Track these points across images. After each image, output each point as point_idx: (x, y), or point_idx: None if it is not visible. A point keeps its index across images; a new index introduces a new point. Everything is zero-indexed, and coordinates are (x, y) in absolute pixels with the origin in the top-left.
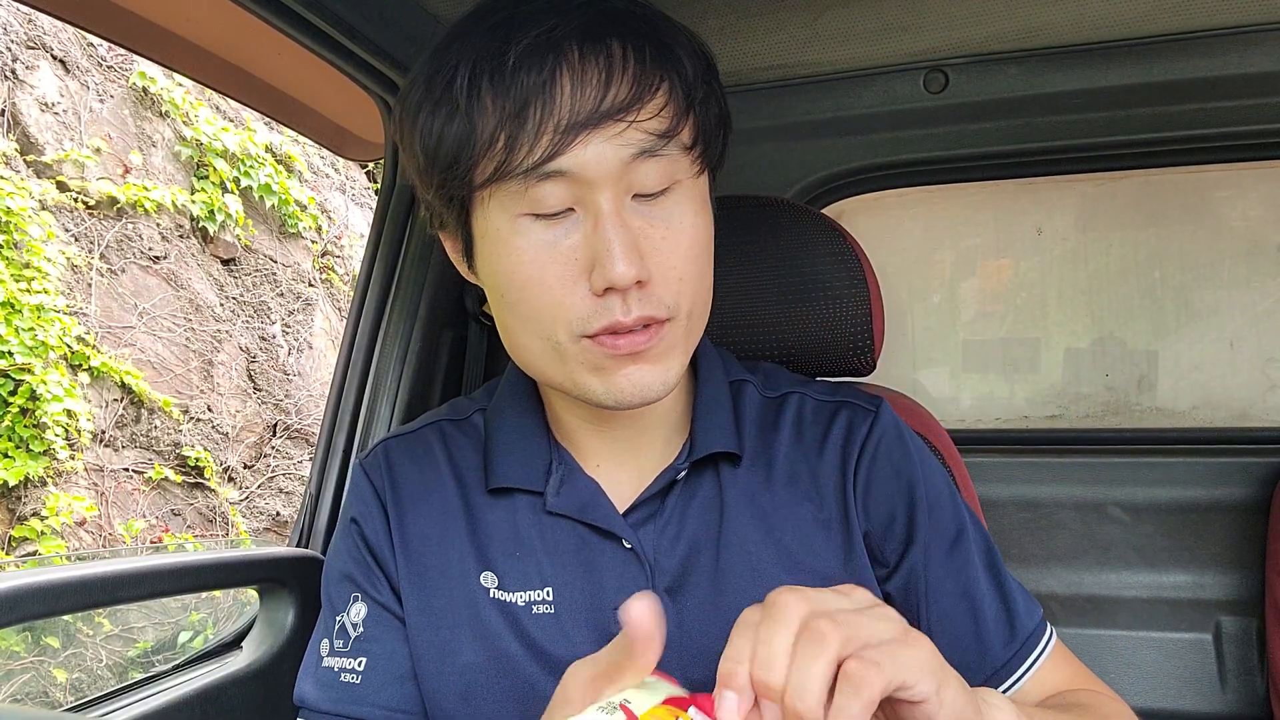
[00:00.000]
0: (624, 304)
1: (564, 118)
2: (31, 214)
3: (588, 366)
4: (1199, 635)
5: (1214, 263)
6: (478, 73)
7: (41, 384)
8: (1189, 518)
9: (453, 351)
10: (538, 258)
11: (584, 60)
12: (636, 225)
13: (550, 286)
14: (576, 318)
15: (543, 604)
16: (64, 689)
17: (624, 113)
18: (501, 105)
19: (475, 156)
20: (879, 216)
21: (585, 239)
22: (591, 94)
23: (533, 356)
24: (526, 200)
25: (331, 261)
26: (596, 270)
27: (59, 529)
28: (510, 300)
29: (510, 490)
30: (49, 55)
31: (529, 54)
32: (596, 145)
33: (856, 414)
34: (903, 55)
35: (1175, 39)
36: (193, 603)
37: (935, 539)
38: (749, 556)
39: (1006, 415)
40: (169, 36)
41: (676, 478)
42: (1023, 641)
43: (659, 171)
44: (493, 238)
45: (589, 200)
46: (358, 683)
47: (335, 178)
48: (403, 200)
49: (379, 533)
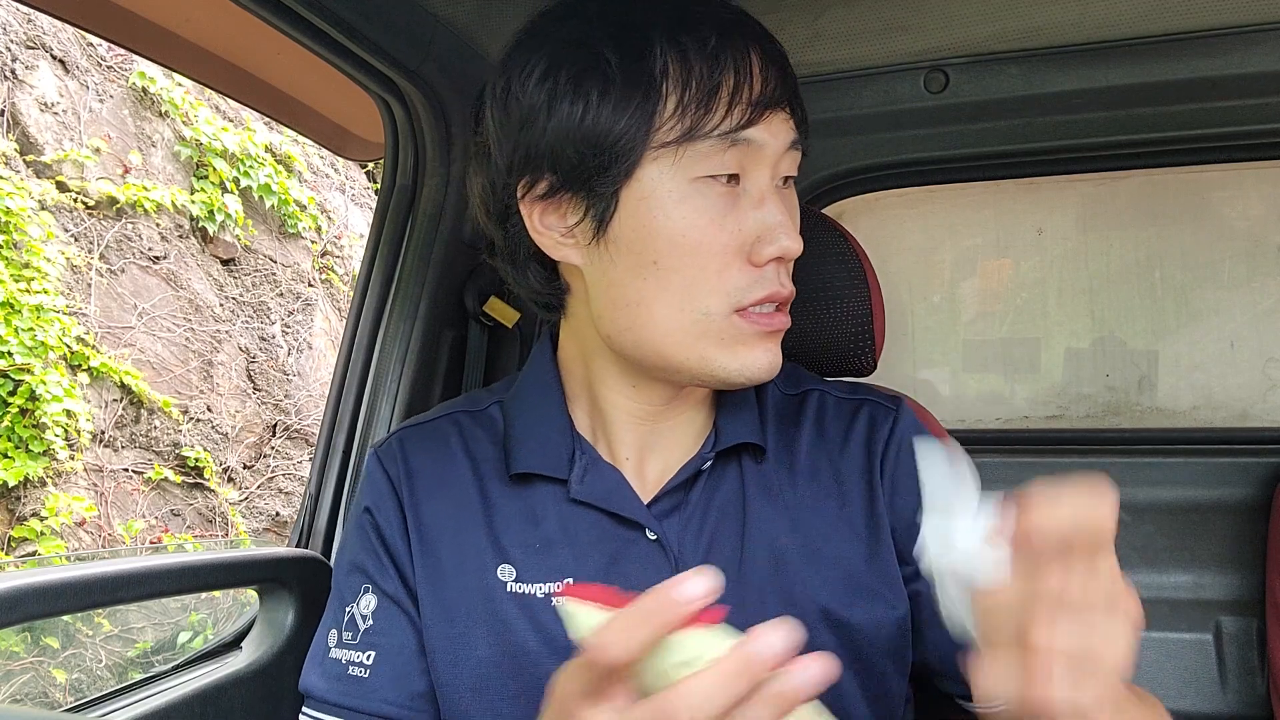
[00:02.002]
0: (779, 276)
1: (756, 92)
2: (31, 214)
3: (727, 341)
4: (1199, 635)
5: (1214, 262)
6: (678, 40)
7: (41, 384)
8: (1189, 518)
9: (453, 351)
10: (710, 223)
11: (765, 49)
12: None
13: (715, 254)
14: (734, 288)
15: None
16: (64, 689)
17: (788, 103)
18: (701, 72)
19: (662, 117)
20: (879, 216)
21: (749, 212)
22: (773, 79)
23: (663, 332)
24: (709, 163)
25: (331, 261)
26: (764, 240)
27: (59, 529)
28: (663, 267)
29: (531, 478)
30: (49, 55)
31: (730, 31)
32: (774, 125)
33: (878, 411)
34: (903, 55)
35: (1175, 39)
36: (193, 603)
37: None
38: (772, 549)
39: (1007, 415)
40: (169, 36)
41: (702, 468)
42: None
43: (796, 163)
44: (661, 199)
45: (756, 175)
46: (366, 676)
47: (335, 178)
48: (403, 200)
49: (392, 523)
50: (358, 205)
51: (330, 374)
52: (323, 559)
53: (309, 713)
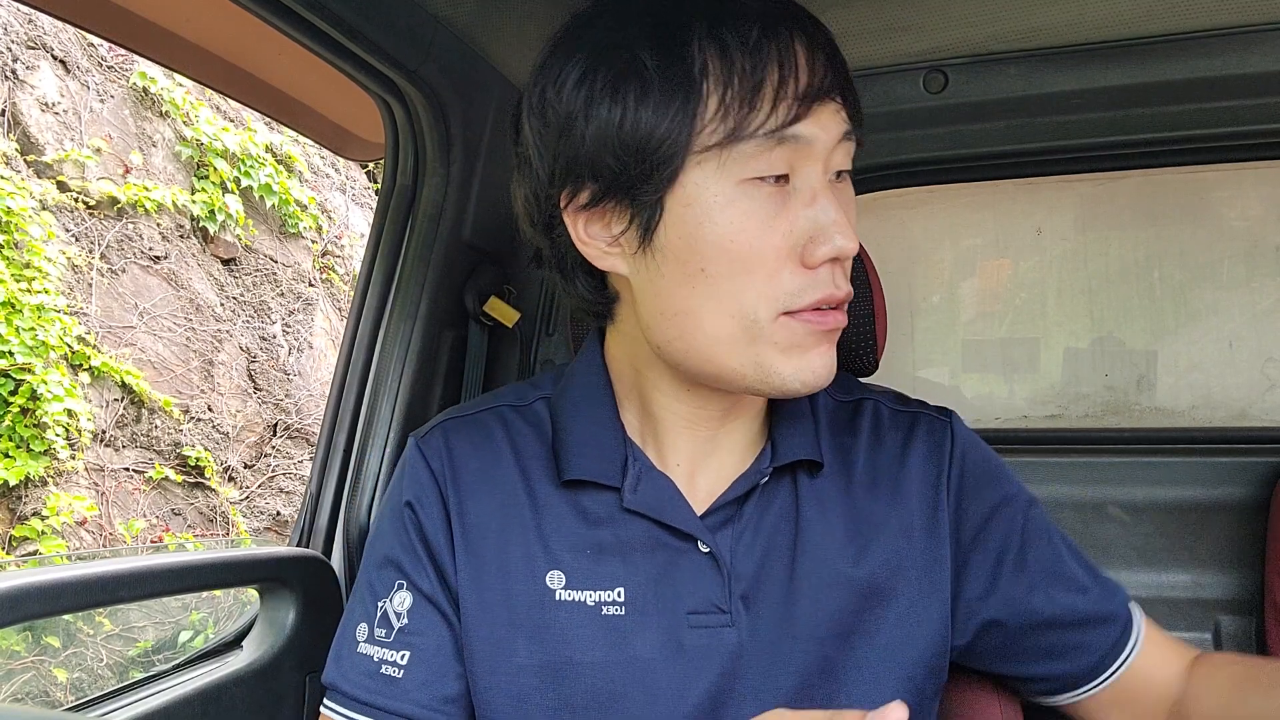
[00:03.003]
0: (834, 278)
1: (801, 86)
2: (32, 214)
3: (781, 346)
4: (1199, 635)
5: (1213, 263)
6: (718, 36)
7: (42, 384)
8: (1188, 517)
9: (453, 351)
10: (760, 227)
11: (811, 37)
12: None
13: (766, 259)
14: (785, 293)
15: (613, 604)
16: (64, 689)
17: (839, 93)
18: (744, 68)
19: (703, 120)
20: (879, 216)
21: (801, 211)
22: (820, 69)
23: (713, 340)
24: (756, 164)
25: (331, 261)
26: (816, 240)
27: (59, 529)
28: (711, 274)
29: (584, 484)
30: (49, 55)
31: (772, 21)
32: (824, 118)
33: (934, 424)
34: (903, 55)
35: (1175, 39)
36: (193, 603)
37: (1030, 535)
38: (825, 564)
39: (1006, 415)
40: (169, 37)
41: (760, 482)
42: (1125, 623)
43: (850, 155)
44: (708, 204)
45: (806, 172)
46: (399, 677)
47: (335, 178)
48: (403, 200)
49: (436, 521)
50: (358, 205)
51: (330, 374)
52: (323, 558)
53: (334, 708)
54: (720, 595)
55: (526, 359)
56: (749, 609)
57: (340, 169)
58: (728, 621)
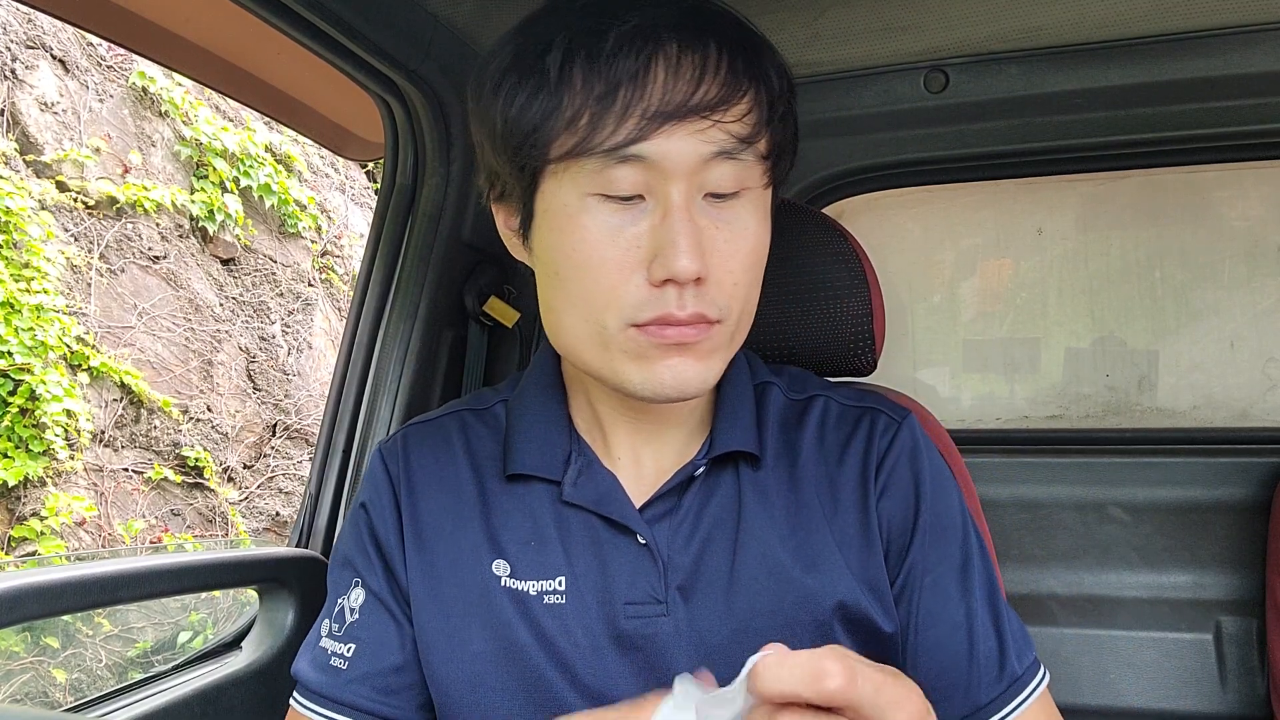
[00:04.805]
0: (679, 298)
1: (653, 105)
2: (31, 214)
3: (630, 355)
4: (1199, 635)
5: (1214, 263)
6: (573, 49)
7: (41, 384)
8: (1189, 518)
9: (453, 351)
10: (601, 240)
11: (681, 54)
12: (703, 224)
13: (608, 271)
14: (629, 305)
15: (554, 594)
16: (64, 689)
17: (711, 111)
18: (592, 84)
19: (557, 130)
20: (879, 216)
21: (651, 229)
22: (683, 87)
23: (574, 339)
24: (600, 180)
25: (331, 261)
26: (659, 260)
27: (59, 529)
28: (563, 279)
29: (528, 478)
30: (49, 55)
31: (629, 38)
32: (680, 138)
33: (879, 422)
34: (903, 55)
35: (1175, 39)
36: (193, 603)
37: (939, 564)
38: (765, 557)
39: (1007, 415)
40: (169, 37)
41: (695, 474)
42: (1011, 682)
43: (733, 175)
44: (558, 213)
45: (661, 191)
46: (343, 668)
47: (335, 177)
48: (403, 200)
49: (386, 520)
50: (358, 205)
51: (330, 374)
52: (323, 559)
53: (296, 698)
54: (657, 586)
55: (526, 359)
56: (686, 600)
57: (339, 169)
58: (663, 612)
